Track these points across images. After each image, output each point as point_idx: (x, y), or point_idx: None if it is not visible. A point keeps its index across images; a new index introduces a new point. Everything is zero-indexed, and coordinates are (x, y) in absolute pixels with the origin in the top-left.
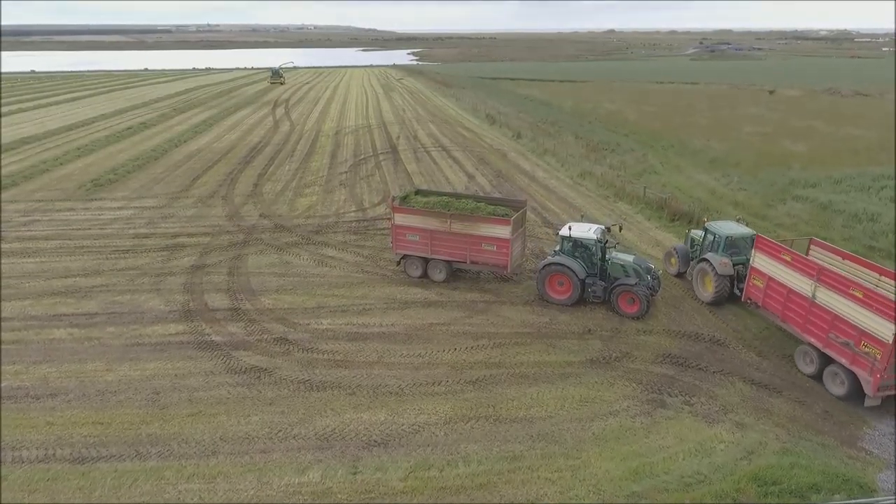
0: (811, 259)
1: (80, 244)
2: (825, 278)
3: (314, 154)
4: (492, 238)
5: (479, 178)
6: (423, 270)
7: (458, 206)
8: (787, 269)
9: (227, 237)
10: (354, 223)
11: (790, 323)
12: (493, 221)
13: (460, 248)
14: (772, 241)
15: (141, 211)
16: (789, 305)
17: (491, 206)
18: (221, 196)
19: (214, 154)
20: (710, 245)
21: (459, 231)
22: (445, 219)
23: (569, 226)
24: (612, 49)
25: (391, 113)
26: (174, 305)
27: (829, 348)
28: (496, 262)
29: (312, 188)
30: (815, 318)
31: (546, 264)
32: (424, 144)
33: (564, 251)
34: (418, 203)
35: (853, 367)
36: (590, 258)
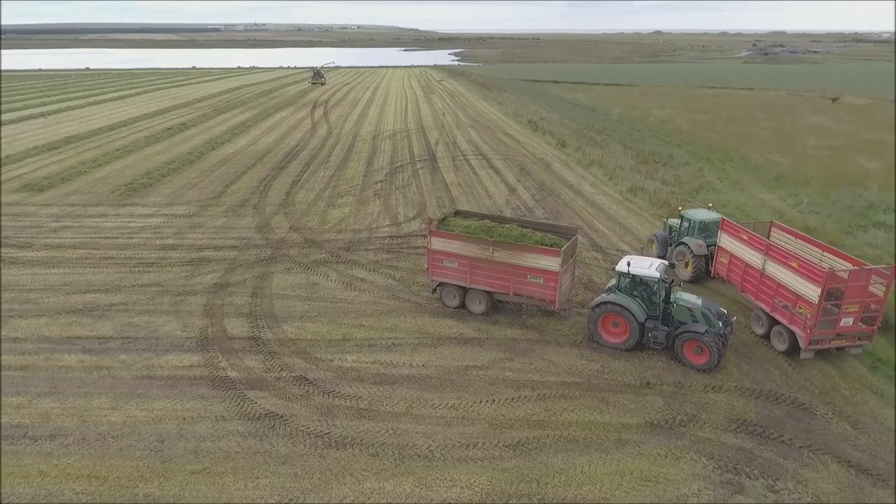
0: (761, 237)
1: (105, 254)
2: (772, 252)
3: (350, 160)
4: (539, 270)
5: (521, 191)
6: (460, 300)
7: (502, 232)
8: (744, 246)
9: (254, 252)
10: (387, 239)
11: (747, 293)
12: (541, 252)
13: (503, 279)
14: (733, 223)
15: (170, 219)
16: (746, 277)
17: (539, 234)
18: (252, 205)
19: (250, 158)
20: (686, 230)
21: (502, 260)
22: (487, 246)
23: (627, 260)
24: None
25: (430, 117)
26: (192, 331)
27: (774, 311)
28: (543, 297)
29: (346, 198)
30: (764, 287)
31: (600, 303)
32: (464, 152)
33: (621, 288)
34: (458, 227)
35: (791, 326)
36: (651, 298)
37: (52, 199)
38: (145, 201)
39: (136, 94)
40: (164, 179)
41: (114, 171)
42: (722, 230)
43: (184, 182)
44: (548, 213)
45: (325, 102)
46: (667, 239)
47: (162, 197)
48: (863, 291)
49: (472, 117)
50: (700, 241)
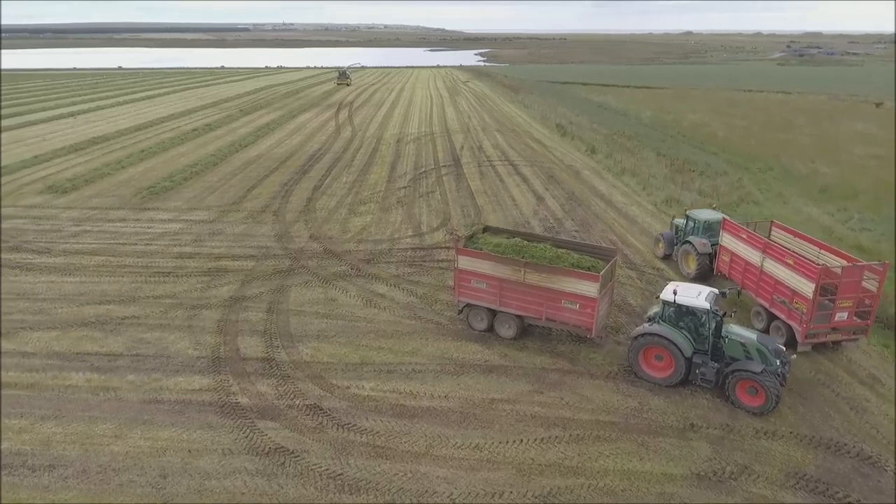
0: (759, 235)
1: (122, 262)
2: (769, 250)
3: (373, 165)
4: (574, 295)
5: (549, 200)
6: (488, 323)
7: (535, 252)
8: (744, 244)
9: (273, 262)
10: (410, 252)
11: (747, 289)
12: (578, 276)
13: (535, 303)
14: (734, 223)
15: (190, 225)
16: (746, 274)
17: (574, 255)
18: (273, 211)
19: (272, 161)
20: (692, 230)
21: (535, 283)
22: (519, 268)
23: (673, 287)
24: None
25: (456, 120)
26: (203, 350)
27: (773, 307)
28: (578, 324)
29: (368, 205)
30: (763, 284)
31: (642, 334)
32: (490, 157)
33: (665, 318)
34: (487, 245)
35: (789, 320)
36: (698, 331)
37: (75, 202)
38: (166, 205)
39: (165, 94)
40: (187, 183)
41: (137, 174)
42: (723, 230)
43: (206, 185)
44: (578, 225)
45: (350, 104)
46: (673, 238)
47: (183, 201)
48: (856, 287)
49: (498, 121)
50: (704, 240)
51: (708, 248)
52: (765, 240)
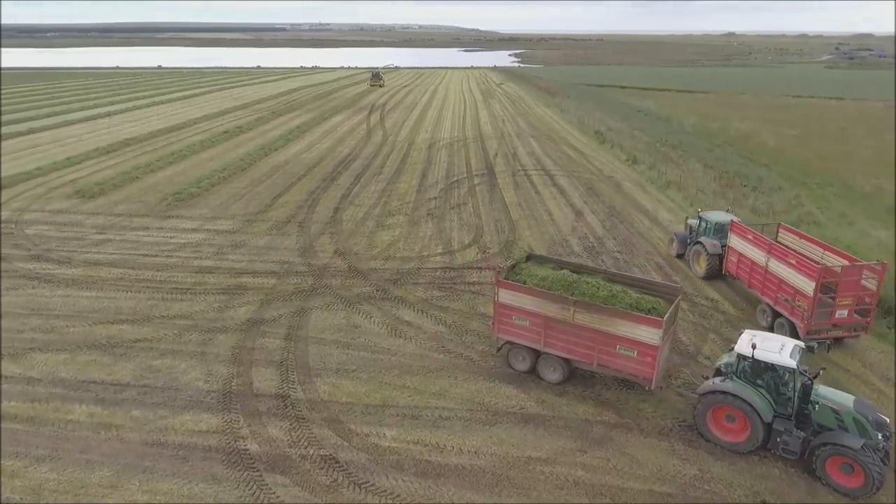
0: (763, 236)
1: (141, 276)
2: (773, 251)
3: (403, 172)
4: (632, 341)
5: (589, 215)
6: (531, 364)
7: (587, 289)
8: (750, 245)
9: (295, 281)
10: (439, 272)
11: (754, 288)
12: (637, 320)
13: (586, 346)
14: (741, 225)
15: (213, 235)
16: (753, 274)
17: (632, 293)
18: (298, 222)
19: (301, 167)
20: (703, 230)
21: (587, 324)
22: (568, 306)
23: (751, 338)
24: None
25: (489, 124)
26: (215, 382)
27: (778, 305)
28: (635, 373)
29: (396, 217)
30: (768, 283)
31: (712, 391)
32: (524, 166)
33: (741, 374)
34: (532, 277)
35: (791, 317)
36: (781, 392)
37: (101, 208)
38: (190, 213)
39: (201, 94)
40: (213, 189)
41: (165, 178)
42: (731, 231)
43: (232, 192)
44: (620, 245)
45: (383, 106)
46: (686, 238)
47: (208, 209)
48: (856, 286)
49: (533, 126)
50: (715, 241)
51: (718, 249)
52: (769, 240)
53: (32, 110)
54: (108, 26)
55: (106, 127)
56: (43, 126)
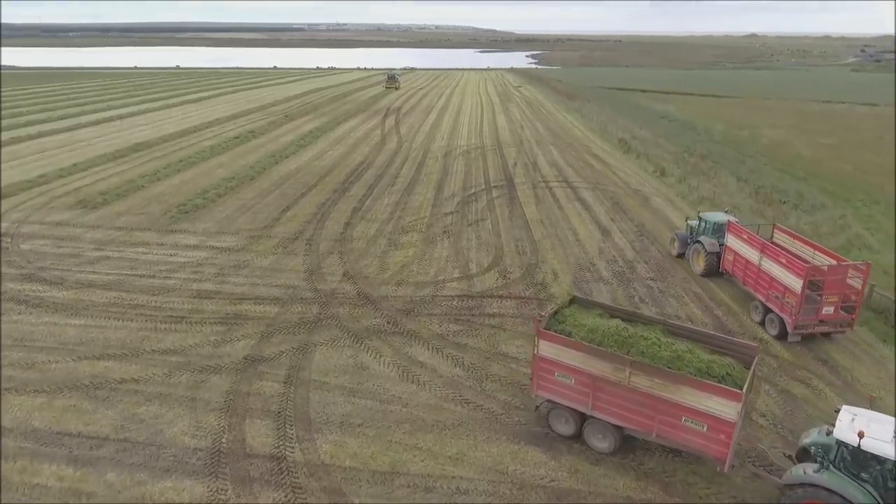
0: (757, 237)
1: (135, 301)
2: (766, 250)
3: (418, 184)
4: (702, 414)
5: (616, 235)
6: (576, 429)
7: (645, 346)
8: (745, 245)
9: (299, 309)
10: (456, 300)
11: (748, 286)
12: (710, 390)
13: (643, 414)
14: (737, 225)
15: (215, 254)
16: (747, 272)
17: (703, 355)
18: (306, 239)
19: (312, 177)
20: (703, 230)
21: (645, 390)
22: (624, 367)
23: (851, 419)
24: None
25: (508, 130)
26: (203, 437)
27: (769, 301)
28: (703, 450)
29: (410, 235)
30: (761, 280)
31: (802, 483)
32: (545, 177)
33: (839, 463)
34: (578, 328)
35: (781, 313)
36: (889, 486)
37: (102, 220)
38: (194, 227)
39: (216, 96)
40: (220, 200)
41: (171, 187)
42: (728, 231)
43: (239, 204)
44: (653, 270)
45: (398, 110)
46: (687, 238)
47: (213, 223)
48: (841, 284)
49: (553, 132)
50: (713, 240)
51: (716, 248)
52: (762, 240)
53: (46, 112)
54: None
55: (117, 130)
56: (53, 129)
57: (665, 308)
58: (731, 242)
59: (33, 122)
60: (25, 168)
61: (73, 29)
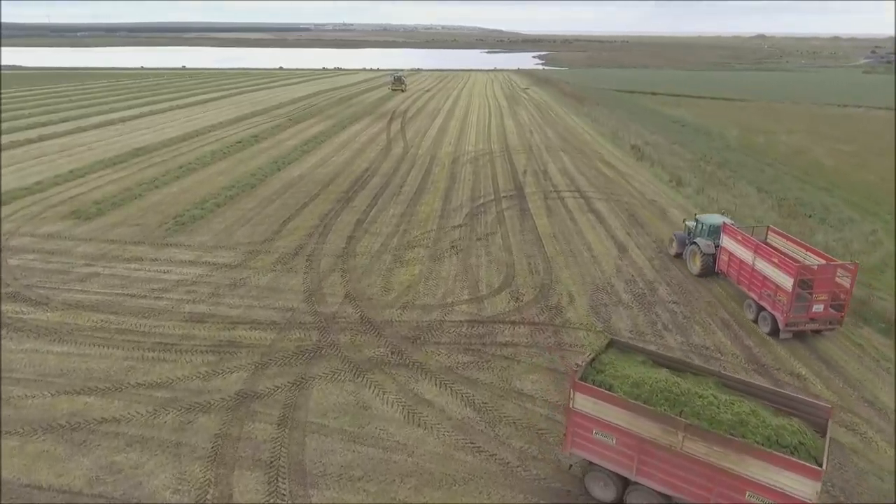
0: (751, 237)
1: (123, 324)
2: (759, 251)
3: (425, 192)
4: (771, 490)
5: (634, 251)
6: (617, 495)
7: (703, 408)
8: (739, 246)
9: (297, 336)
10: (465, 326)
11: (741, 285)
12: (782, 463)
13: (697, 484)
14: (732, 227)
15: (211, 271)
16: (741, 272)
17: (771, 419)
18: (307, 255)
19: (315, 185)
20: (699, 232)
21: (702, 458)
22: (676, 430)
23: None
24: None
25: (516, 135)
26: (186, 493)
27: (762, 300)
28: None
29: (416, 251)
30: (754, 280)
31: None
32: (556, 186)
33: None
34: (621, 380)
35: (773, 311)
36: None
37: (95, 232)
38: (191, 240)
39: (220, 98)
40: (219, 210)
41: (170, 196)
42: (724, 233)
43: (238, 215)
44: (675, 292)
45: (404, 113)
46: (684, 239)
47: (210, 235)
48: (830, 283)
49: (563, 137)
50: (709, 241)
51: (711, 249)
52: (756, 241)
53: (49, 114)
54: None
55: (119, 134)
56: (54, 132)
57: (691, 336)
58: (726, 243)
59: (35, 125)
60: (22, 174)
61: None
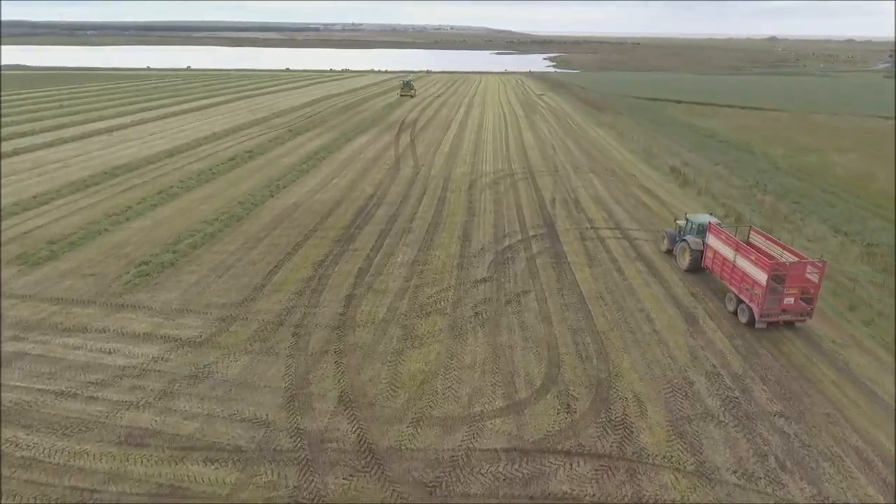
0: (732, 236)
1: (29, 449)
2: (739, 249)
3: (439, 229)
4: None
5: (705, 322)
6: None
7: None
8: (722, 244)
9: (268, 477)
10: (503, 460)
11: (724, 280)
12: None
13: None
14: (717, 227)
15: (169, 351)
16: (723, 268)
17: None
18: (293, 326)
19: (311, 217)
20: (688, 230)
21: None
22: None
23: None
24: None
25: (537, 151)
26: None
27: (741, 293)
28: None
29: (432, 319)
30: (735, 275)
31: None
32: (593, 220)
33: None
34: None
35: (750, 303)
36: None
37: (40, 285)
38: (153, 300)
39: (219, 104)
40: (194, 254)
41: (140, 232)
42: (709, 232)
43: (216, 261)
44: (778, 395)
45: (413, 123)
46: (675, 236)
47: (177, 292)
48: (801, 278)
49: (589, 154)
50: (697, 239)
51: (699, 246)
52: (737, 240)
53: (32, 122)
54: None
55: (101, 147)
56: (32, 145)
57: (821, 483)
58: (711, 241)
59: (13, 136)
60: None
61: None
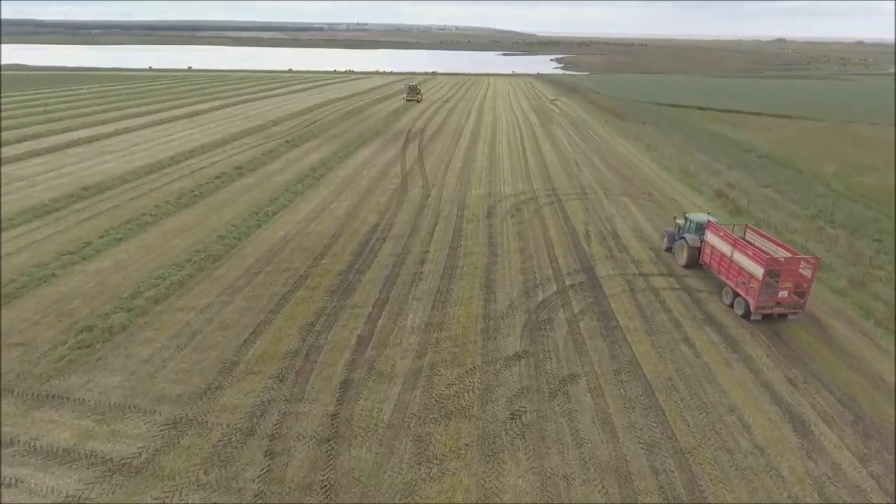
0: (730, 233)
1: None
2: (736, 245)
3: (456, 274)
4: None
5: (822, 431)
6: None
7: None
8: (720, 241)
9: None
10: None
11: (721, 275)
12: None
13: None
14: (715, 224)
15: (92, 481)
16: (721, 263)
17: None
18: (266, 441)
19: (303, 256)
20: (687, 228)
21: None
22: None
23: None
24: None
25: (560, 168)
26: None
27: (738, 287)
28: None
29: (454, 425)
30: (732, 270)
31: None
32: (639, 262)
33: None
34: None
35: (746, 296)
36: None
37: None
38: (88, 389)
39: (214, 109)
40: (153, 312)
41: (94, 278)
42: (707, 229)
43: (179, 325)
44: None
45: (421, 132)
46: (674, 235)
47: (123, 374)
48: (795, 273)
49: (619, 172)
50: (696, 236)
51: (697, 243)
52: (734, 237)
53: (8, 130)
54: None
55: (76, 160)
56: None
57: None
58: (709, 238)
59: None
60: None
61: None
